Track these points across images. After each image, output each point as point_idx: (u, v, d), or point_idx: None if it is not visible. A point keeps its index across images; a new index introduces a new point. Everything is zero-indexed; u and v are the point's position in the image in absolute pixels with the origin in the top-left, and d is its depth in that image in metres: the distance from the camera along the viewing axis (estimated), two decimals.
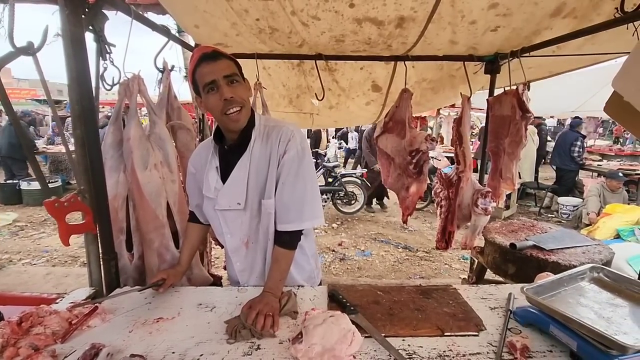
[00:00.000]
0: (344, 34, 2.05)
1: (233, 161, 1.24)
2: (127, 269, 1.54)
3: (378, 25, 1.93)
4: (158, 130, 1.63)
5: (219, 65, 1.12)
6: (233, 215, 1.28)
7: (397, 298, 1.31)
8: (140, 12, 1.64)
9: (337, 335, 1.01)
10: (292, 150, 1.21)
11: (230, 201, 1.25)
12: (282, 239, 1.26)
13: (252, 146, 1.24)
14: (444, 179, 2.67)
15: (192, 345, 1.03)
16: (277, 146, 1.22)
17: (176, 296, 1.33)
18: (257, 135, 1.25)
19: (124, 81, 1.54)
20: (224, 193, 1.25)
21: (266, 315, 1.08)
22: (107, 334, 1.08)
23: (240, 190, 1.24)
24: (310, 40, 2.15)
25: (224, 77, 1.12)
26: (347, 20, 1.89)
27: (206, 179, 1.29)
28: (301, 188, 1.23)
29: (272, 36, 2.08)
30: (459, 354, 1.01)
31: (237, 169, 1.24)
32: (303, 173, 1.23)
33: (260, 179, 1.24)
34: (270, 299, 1.15)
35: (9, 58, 0.98)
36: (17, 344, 0.99)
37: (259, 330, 1.06)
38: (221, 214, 1.28)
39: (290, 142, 1.22)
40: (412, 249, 4.50)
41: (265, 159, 1.23)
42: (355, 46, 2.23)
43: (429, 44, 2.17)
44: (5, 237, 4.62)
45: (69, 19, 1.18)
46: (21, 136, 1.19)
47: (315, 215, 1.26)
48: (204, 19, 1.95)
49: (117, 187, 1.52)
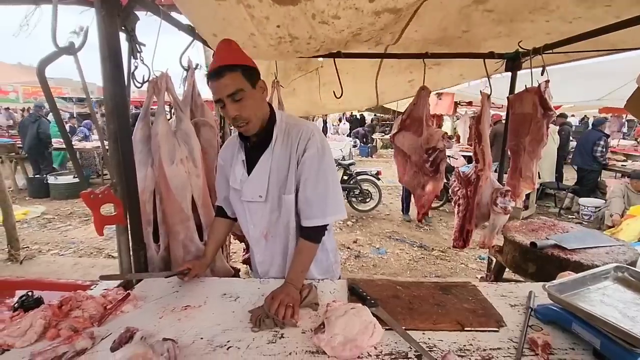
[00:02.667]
0: (361, 27, 2.03)
1: (257, 156, 1.30)
2: (153, 260, 1.60)
3: (396, 13, 1.90)
4: (184, 127, 1.69)
5: (223, 82, 1.14)
6: (255, 207, 1.34)
7: (416, 293, 1.32)
8: (169, 14, 1.71)
9: (358, 327, 1.04)
10: (312, 149, 1.25)
11: (253, 193, 1.31)
12: (306, 233, 1.31)
13: (274, 143, 1.28)
14: (462, 177, 2.66)
15: (219, 332, 1.08)
16: (297, 144, 1.27)
17: (202, 286, 1.38)
18: (279, 133, 1.29)
19: (152, 79, 1.60)
20: (248, 185, 1.31)
21: (287, 305, 1.12)
22: (139, 319, 1.14)
23: (262, 184, 1.29)
24: (327, 40, 2.12)
25: (228, 96, 1.14)
26: (366, 15, 1.88)
27: (233, 171, 1.36)
28: (323, 184, 1.27)
29: (291, 45, 2.08)
30: (480, 348, 1.03)
31: (259, 164, 1.29)
32: (324, 170, 1.27)
33: (281, 175, 1.29)
34: (292, 290, 1.20)
35: (52, 57, 1.04)
36: (58, 326, 1.06)
37: (281, 320, 1.10)
38: (246, 205, 1.35)
39: (310, 141, 1.26)
40: (427, 247, 4.48)
41: (286, 156, 1.28)
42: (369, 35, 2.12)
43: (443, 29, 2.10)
44: (34, 229, 4.83)
45: (104, 20, 1.24)
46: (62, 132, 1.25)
47: (337, 210, 1.31)
48: (222, 28, 1.97)
49: (145, 181, 1.59)
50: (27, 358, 0.92)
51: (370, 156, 13.35)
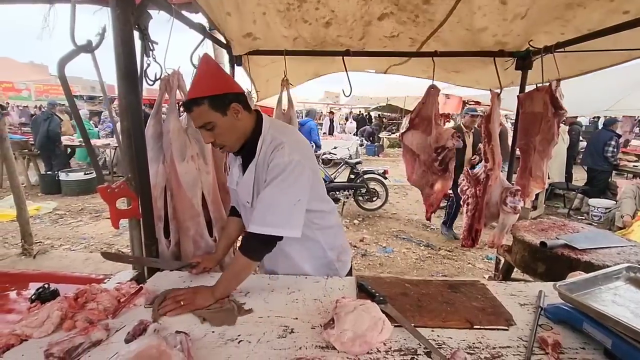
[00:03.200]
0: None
1: (247, 162, 1.32)
2: (164, 255, 1.63)
3: None
4: None
5: (193, 116, 1.19)
6: (248, 209, 1.36)
7: (424, 291, 1.33)
8: (179, 11, 1.73)
9: (368, 323, 1.05)
10: (276, 159, 1.21)
11: (243, 198, 1.36)
12: (244, 242, 1.24)
13: (258, 153, 1.28)
14: (472, 176, 2.65)
15: (229, 327, 1.10)
16: (270, 154, 1.24)
17: (212, 281, 1.39)
18: (263, 144, 1.27)
19: (164, 77, 1.62)
20: (240, 190, 1.36)
21: (178, 302, 1.16)
22: (151, 313, 1.16)
23: (248, 191, 1.32)
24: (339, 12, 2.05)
25: (200, 127, 1.20)
26: None
27: (231, 173, 1.43)
28: (273, 194, 1.20)
29: (299, 12, 2.04)
30: (489, 346, 1.03)
31: (246, 173, 1.32)
32: (281, 181, 1.20)
33: (261, 185, 1.27)
34: (204, 294, 1.20)
35: (71, 55, 1.06)
36: (74, 317, 1.08)
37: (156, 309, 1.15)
38: (242, 206, 1.41)
39: (277, 152, 1.22)
40: (434, 247, 4.46)
41: (265, 164, 1.25)
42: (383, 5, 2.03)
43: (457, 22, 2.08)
44: (46, 224, 4.93)
45: (119, 19, 1.26)
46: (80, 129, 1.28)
47: (283, 224, 1.19)
48: (235, 4, 1.99)
49: (157, 177, 1.61)
50: (45, 348, 0.94)
51: (377, 155, 13.33)
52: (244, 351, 0.99)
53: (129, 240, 1.50)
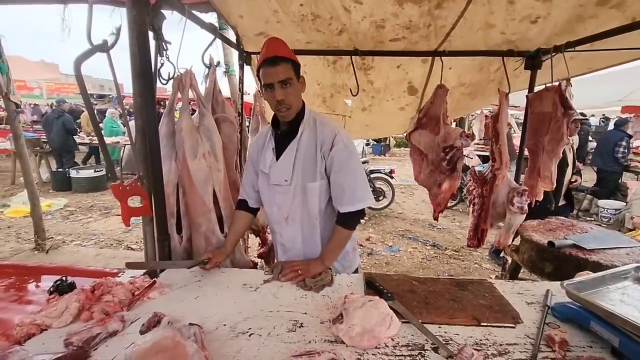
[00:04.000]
0: (384, 18, 2.04)
1: (285, 145, 1.44)
2: (176, 250, 1.66)
3: (419, 3, 1.91)
4: (206, 122, 1.74)
5: (277, 70, 1.30)
6: (280, 190, 1.46)
7: (432, 288, 1.34)
8: (191, 12, 1.76)
9: (376, 318, 1.07)
10: (339, 144, 1.39)
11: (279, 177, 1.44)
12: (341, 219, 1.44)
13: (300, 134, 1.42)
14: (478, 176, 2.65)
15: (240, 320, 1.13)
16: (324, 139, 1.40)
17: (223, 276, 1.43)
18: (306, 126, 1.43)
19: (177, 76, 1.65)
20: (275, 170, 1.45)
21: (295, 271, 1.35)
22: (164, 305, 1.19)
23: (287, 169, 1.42)
24: (351, 27, 2.15)
25: (279, 82, 1.30)
26: (388, 2, 1.90)
27: (263, 157, 1.50)
28: (352, 175, 1.40)
29: (313, 23, 2.12)
30: (496, 343, 1.04)
31: (286, 151, 1.43)
32: (352, 162, 1.41)
33: (307, 164, 1.41)
34: (315, 263, 1.40)
35: (87, 54, 1.10)
36: (91, 309, 1.12)
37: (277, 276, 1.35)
38: (272, 188, 1.48)
39: (336, 138, 1.39)
40: (440, 247, 4.46)
41: (312, 148, 1.41)
42: (395, 32, 2.17)
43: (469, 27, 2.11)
44: (58, 221, 5.03)
45: (135, 19, 1.30)
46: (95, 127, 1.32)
47: (365, 197, 1.43)
48: (249, 8, 2.04)
49: (169, 174, 1.65)
50: (64, 337, 0.98)
51: (384, 155, 13.31)
52: (255, 344, 1.01)
53: (142, 236, 1.53)
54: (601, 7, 1.79)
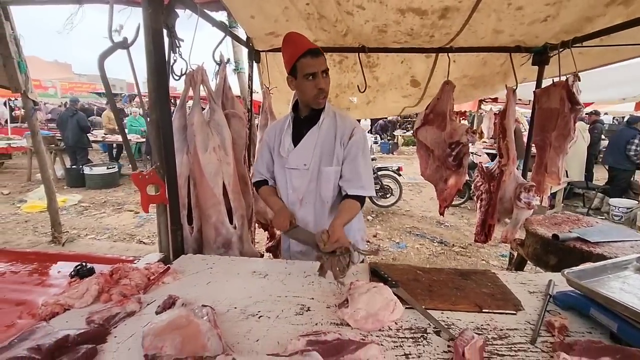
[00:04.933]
0: (386, 24, 2.11)
1: (303, 131, 1.54)
2: (187, 240, 1.73)
3: (421, 15, 1.96)
4: (217, 117, 1.80)
5: (320, 61, 1.41)
6: (297, 174, 1.55)
7: (436, 278, 1.38)
8: (203, 10, 1.81)
9: (380, 303, 1.11)
10: (357, 135, 1.52)
11: (298, 162, 1.54)
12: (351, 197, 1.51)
13: (321, 121, 1.53)
14: (486, 172, 2.66)
15: (250, 304, 1.18)
16: (344, 130, 1.52)
17: (233, 264, 1.49)
18: (326, 116, 1.54)
19: (189, 72, 1.71)
20: (294, 155, 1.54)
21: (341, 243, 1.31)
22: (178, 289, 1.25)
23: (307, 154, 1.52)
24: (354, 29, 2.22)
25: (322, 72, 1.42)
26: (390, 10, 1.95)
27: (282, 141, 1.58)
28: (366, 164, 1.54)
29: (319, 22, 2.18)
30: (497, 328, 1.07)
31: (306, 137, 1.53)
32: (365, 153, 1.54)
33: (325, 150, 1.52)
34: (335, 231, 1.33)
35: (109, 51, 1.16)
36: (110, 291, 1.18)
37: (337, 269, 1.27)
38: (289, 172, 1.57)
39: (355, 129, 1.53)
40: (447, 243, 4.46)
41: (332, 136, 1.52)
42: (397, 37, 2.27)
43: (473, 32, 2.16)
44: (72, 215, 5.17)
45: (150, 18, 1.36)
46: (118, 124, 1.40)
47: (370, 187, 1.54)
48: (259, 7, 2.09)
49: (181, 167, 1.71)
50: (86, 316, 1.04)
51: (392, 153, 13.28)
52: (264, 325, 1.06)
53: (153, 231, 1.60)
54: (609, 6, 1.80)
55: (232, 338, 0.99)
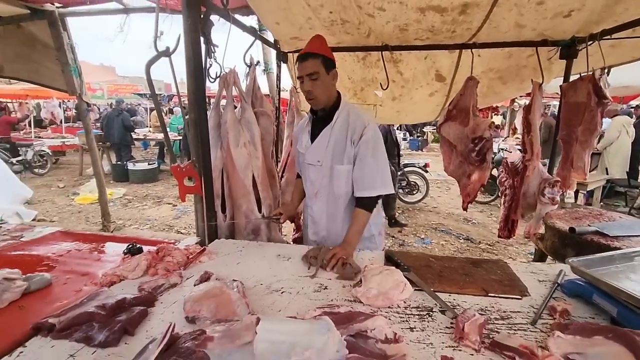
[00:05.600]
0: (407, 23, 2.17)
1: (319, 129, 1.65)
2: (221, 226, 1.91)
3: (441, 12, 2.01)
4: (247, 115, 1.97)
5: (305, 65, 1.50)
6: (313, 169, 1.68)
7: (447, 265, 1.46)
8: (234, 17, 1.99)
9: (391, 283, 1.22)
10: (367, 135, 1.56)
11: (313, 158, 1.66)
12: (361, 202, 1.60)
13: (334, 122, 1.61)
14: (510, 167, 2.66)
15: (274, 281, 1.33)
16: (355, 129, 1.57)
17: (260, 248, 1.65)
18: (339, 115, 1.61)
19: (223, 75, 1.89)
20: (311, 151, 1.67)
21: (338, 257, 1.41)
22: (212, 267, 1.42)
23: (320, 152, 1.63)
24: (376, 30, 2.31)
25: (307, 75, 1.50)
26: (410, 9, 2.02)
27: (301, 139, 1.73)
28: (374, 164, 1.57)
29: (342, 27, 2.29)
30: (500, 310, 1.15)
31: (320, 136, 1.64)
32: (376, 153, 1.58)
33: (337, 148, 1.60)
34: (347, 248, 1.50)
35: (154, 59, 1.35)
36: (156, 266, 1.38)
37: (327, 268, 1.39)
38: (306, 167, 1.70)
39: (366, 129, 1.57)
40: (474, 240, 4.42)
41: (343, 135, 1.59)
42: (418, 34, 2.33)
43: (494, 27, 2.17)
44: (118, 207, 5.65)
45: (190, 28, 1.54)
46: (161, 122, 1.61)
47: (385, 185, 1.59)
48: (284, 16, 2.24)
49: (216, 160, 1.89)
50: (138, 285, 1.24)
51: (420, 150, 13.07)
52: (286, 299, 1.21)
53: (189, 223, 1.79)
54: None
55: (258, 308, 1.14)
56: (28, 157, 7.64)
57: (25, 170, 7.56)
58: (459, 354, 0.93)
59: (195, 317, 1.04)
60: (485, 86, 2.98)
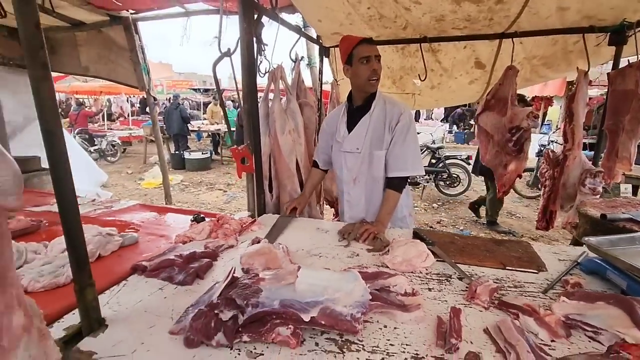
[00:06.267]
0: (443, 14, 2.25)
1: (356, 119, 1.79)
2: (269, 204, 2.18)
3: (477, 3, 2.07)
4: (292, 106, 2.20)
5: (373, 47, 1.65)
6: (351, 157, 1.82)
7: (470, 242, 1.58)
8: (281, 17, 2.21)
9: (414, 253, 1.39)
10: (403, 121, 1.71)
11: (352, 146, 1.80)
12: (392, 183, 1.76)
13: (372, 110, 1.75)
14: (551, 158, 2.63)
15: (313, 247, 1.55)
16: (392, 116, 1.73)
17: (302, 222, 1.88)
18: (376, 104, 1.75)
19: (271, 70, 2.13)
20: (349, 140, 1.81)
21: (370, 232, 1.59)
22: (262, 235, 1.68)
23: (359, 139, 1.77)
24: (413, 22, 2.41)
25: (375, 57, 1.64)
26: (445, 1, 2.10)
27: (338, 129, 1.86)
28: (406, 147, 1.72)
29: (380, 22, 2.43)
30: (515, 280, 1.27)
31: (359, 124, 1.77)
32: (409, 137, 1.72)
33: (375, 135, 1.75)
34: (379, 226, 1.66)
35: (219, 60, 1.61)
36: (217, 232, 1.67)
37: (360, 240, 1.58)
38: (344, 155, 1.85)
39: (402, 115, 1.72)
40: (516, 234, 4.33)
41: (381, 122, 1.74)
42: (455, 24, 2.37)
43: (534, 14, 2.17)
44: (177, 192, 6.28)
45: (245, 30, 1.79)
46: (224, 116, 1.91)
47: (416, 167, 1.74)
48: (326, 14, 2.43)
49: (264, 146, 2.15)
50: (203, 244, 1.52)
51: (467, 143, 12.56)
52: (323, 262, 1.42)
53: (246, 191, 2.07)
54: None
55: None
56: (102, 146, 8.69)
57: (100, 158, 8.61)
58: (469, 309, 1.09)
59: (249, 269, 1.29)
60: (529, 71, 2.93)
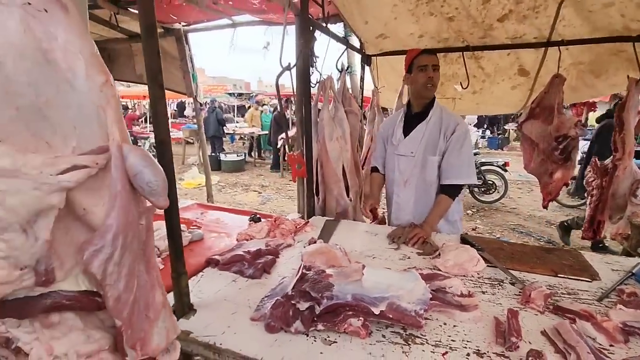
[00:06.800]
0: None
1: (413, 125, 1.91)
2: (315, 207, 2.30)
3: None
4: (339, 114, 2.32)
5: (432, 58, 1.80)
6: (405, 160, 1.93)
7: (519, 249, 1.62)
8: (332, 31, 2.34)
9: (466, 257, 1.46)
10: (459, 131, 1.81)
11: (406, 150, 1.91)
12: (445, 190, 1.84)
13: (429, 117, 1.86)
14: (599, 167, 2.59)
15: (366, 249, 1.65)
16: (448, 124, 1.83)
17: (351, 225, 1.99)
18: (434, 112, 1.87)
19: (321, 80, 2.26)
20: (404, 144, 1.92)
21: (418, 237, 1.66)
22: (315, 235, 1.80)
23: (414, 144, 1.89)
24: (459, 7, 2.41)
25: (433, 65, 1.78)
26: None
27: (394, 132, 1.98)
28: (462, 156, 1.81)
29: (427, 7, 2.44)
30: (568, 288, 1.30)
31: (416, 130, 1.89)
32: (465, 147, 1.82)
33: (431, 141, 1.85)
34: (426, 228, 1.73)
35: (281, 72, 1.75)
36: (274, 231, 1.80)
37: (409, 244, 1.65)
38: (397, 157, 1.96)
39: (458, 126, 1.83)
40: (556, 244, 4.21)
41: (437, 130, 1.85)
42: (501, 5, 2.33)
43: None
44: (214, 192, 6.54)
45: (302, 45, 1.92)
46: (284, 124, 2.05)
47: (469, 176, 1.83)
48: (371, 12, 2.52)
49: (313, 152, 2.28)
50: (264, 243, 1.66)
51: (501, 149, 12.18)
52: (376, 262, 1.52)
53: (296, 194, 2.20)
54: None
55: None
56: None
57: None
58: (524, 312, 1.15)
59: (310, 266, 1.41)
60: (574, 79, 2.87)
